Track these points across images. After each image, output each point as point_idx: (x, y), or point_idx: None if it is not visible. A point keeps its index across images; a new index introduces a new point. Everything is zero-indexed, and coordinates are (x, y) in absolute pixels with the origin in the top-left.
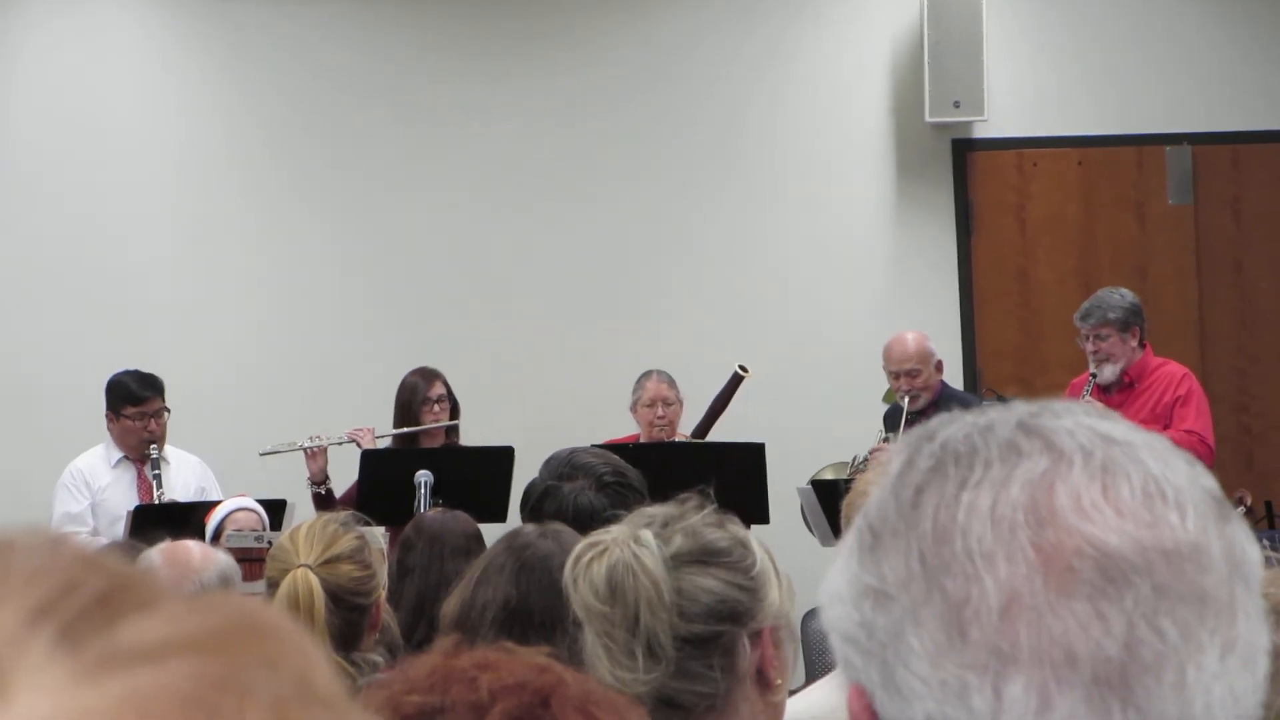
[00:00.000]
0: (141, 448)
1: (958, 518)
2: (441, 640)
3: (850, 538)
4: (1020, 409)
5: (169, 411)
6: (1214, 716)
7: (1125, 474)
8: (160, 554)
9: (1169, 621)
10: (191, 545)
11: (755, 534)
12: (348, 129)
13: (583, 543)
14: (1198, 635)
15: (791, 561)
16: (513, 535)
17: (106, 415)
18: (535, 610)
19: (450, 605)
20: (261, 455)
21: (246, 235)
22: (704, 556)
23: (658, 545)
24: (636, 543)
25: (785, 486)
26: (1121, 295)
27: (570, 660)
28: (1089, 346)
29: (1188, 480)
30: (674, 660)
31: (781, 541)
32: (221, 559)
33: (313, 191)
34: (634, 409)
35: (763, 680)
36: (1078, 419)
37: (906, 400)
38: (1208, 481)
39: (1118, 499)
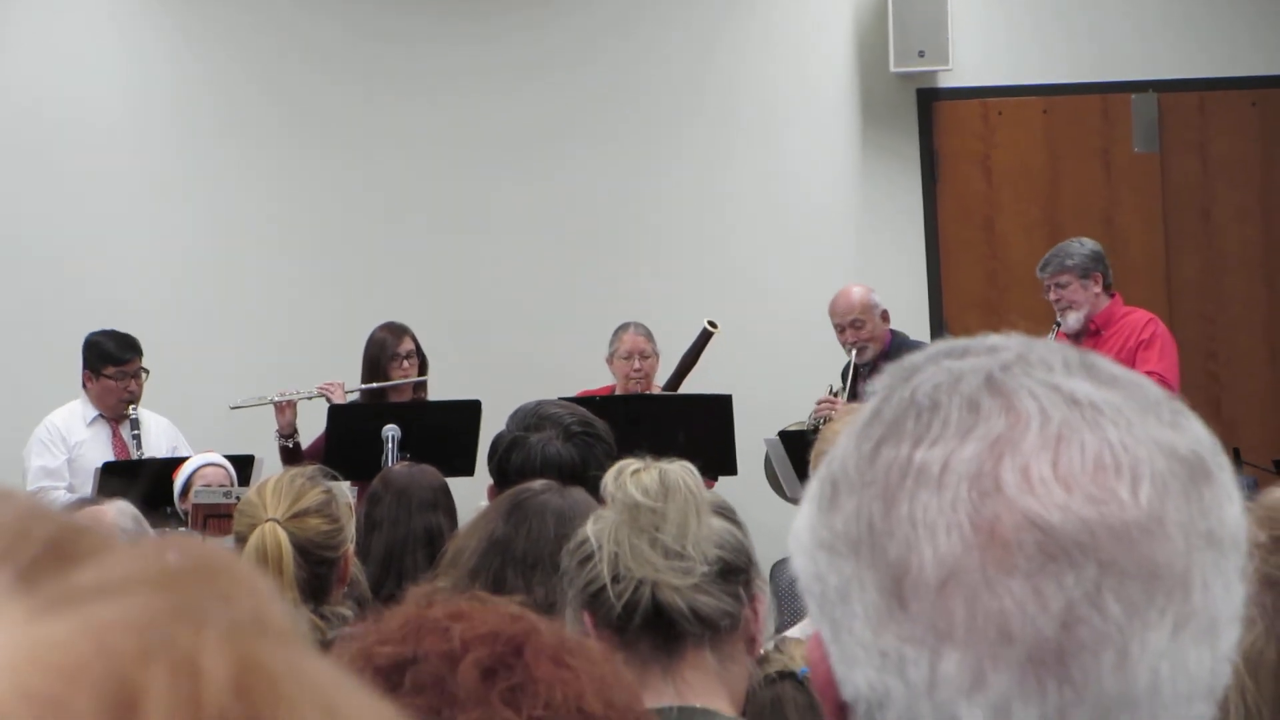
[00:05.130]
0: (120, 407)
1: (906, 482)
2: (415, 590)
3: (814, 484)
4: (1000, 356)
5: (147, 372)
6: (1160, 694)
7: (1080, 443)
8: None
9: (1113, 599)
10: (104, 506)
11: (723, 485)
12: (310, 86)
13: (621, 462)
14: (1145, 612)
15: (759, 514)
16: (523, 487)
17: (84, 374)
18: (518, 548)
19: (450, 545)
20: (232, 409)
21: (215, 192)
22: (720, 509)
23: None
24: (682, 467)
25: (753, 439)
26: (1081, 243)
27: (548, 604)
28: (1051, 296)
29: (1152, 445)
30: (710, 573)
31: (749, 493)
32: (129, 515)
33: (277, 147)
34: (610, 361)
35: (750, 642)
36: (1048, 374)
37: (854, 353)
38: (1187, 440)
39: (1067, 471)
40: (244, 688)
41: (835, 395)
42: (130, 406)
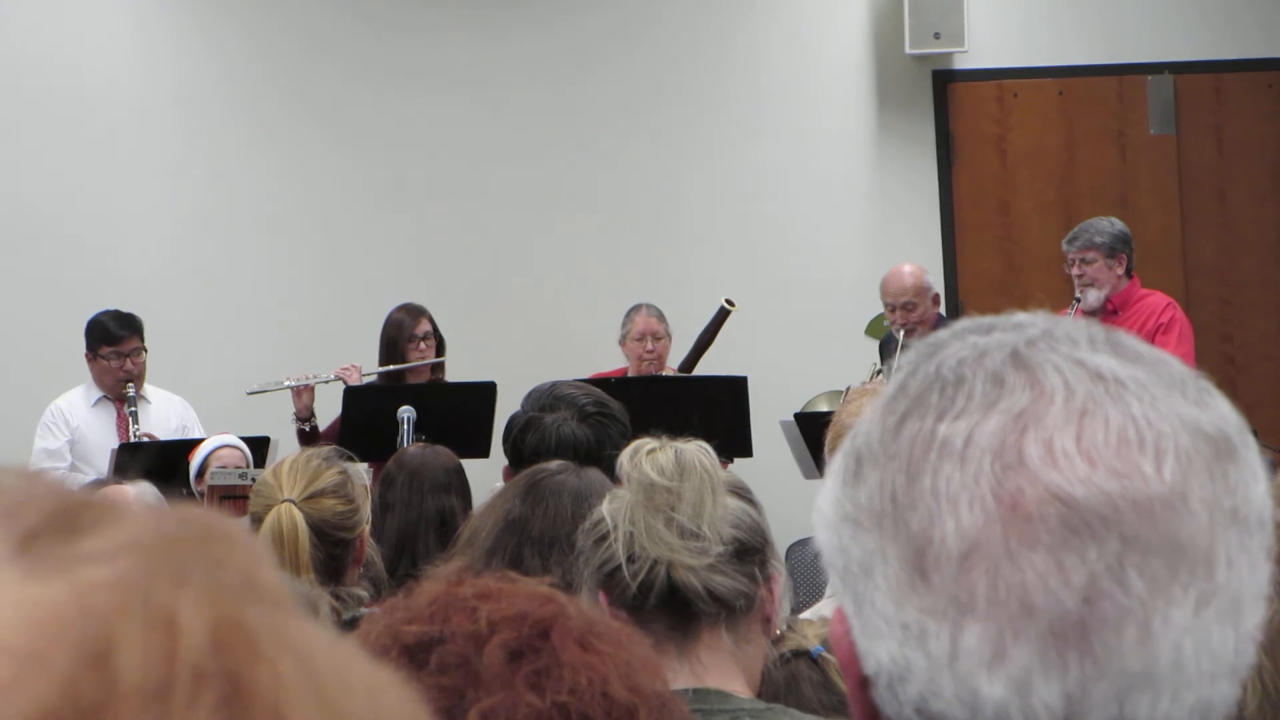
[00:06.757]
0: (119, 387)
1: (930, 455)
2: (446, 567)
3: (838, 459)
4: (1026, 332)
5: (146, 351)
6: (1183, 671)
7: (1103, 417)
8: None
9: (1135, 574)
10: (126, 487)
11: (738, 467)
12: (326, 69)
13: (637, 442)
14: (1168, 588)
15: (775, 495)
16: (540, 467)
17: (86, 355)
18: (535, 528)
19: (466, 525)
20: (249, 394)
21: (232, 175)
22: (736, 488)
23: None
24: (698, 446)
25: (769, 420)
26: (1110, 222)
27: (564, 584)
28: (1074, 271)
29: (1176, 421)
30: (726, 553)
31: (765, 475)
32: (150, 496)
33: (294, 130)
34: (623, 343)
35: (765, 623)
36: (1073, 349)
37: (902, 334)
38: (1212, 418)
39: (1091, 445)
40: (221, 644)
41: (880, 376)
42: (128, 385)
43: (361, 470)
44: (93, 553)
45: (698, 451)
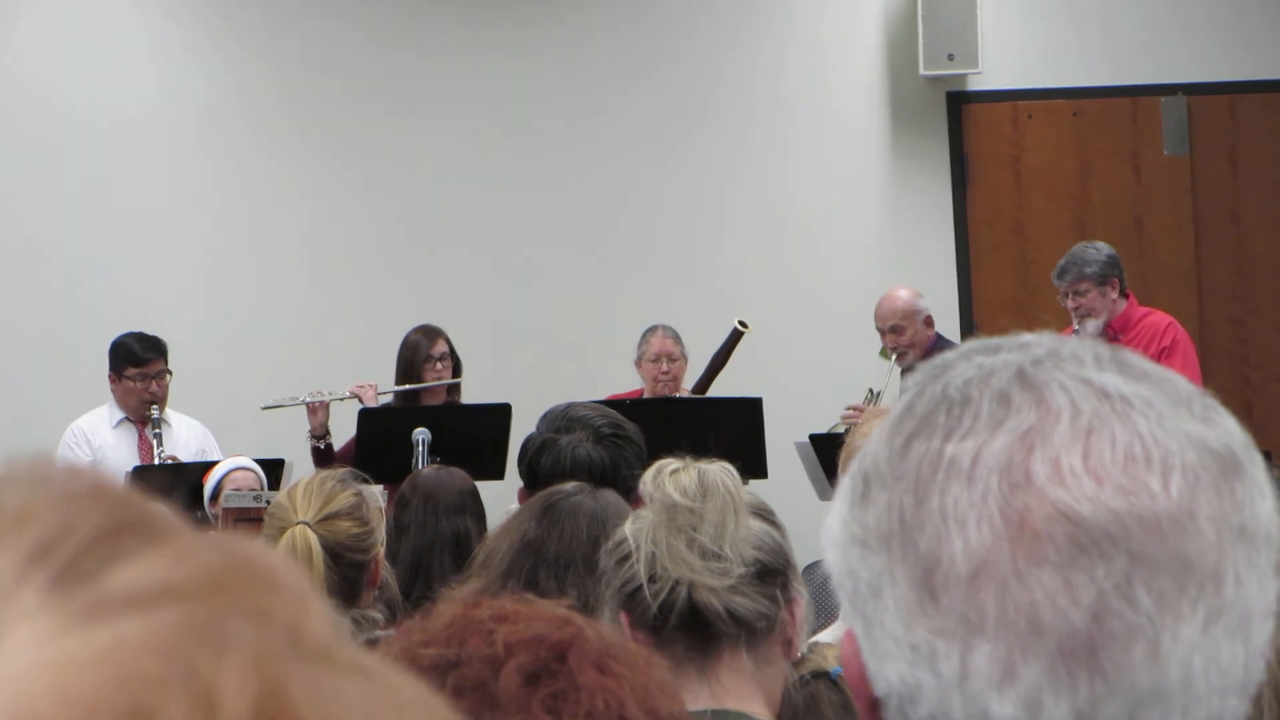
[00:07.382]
0: (142, 409)
1: (937, 475)
2: (462, 590)
3: (846, 480)
4: (1032, 352)
5: (171, 373)
6: (1193, 687)
7: (1110, 435)
8: None
9: (1144, 591)
10: None
11: (753, 488)
12: (343, 89)
13: (660, 462)
14: (1176, 605)
15: (789, 517)
16: (555, 489)
17: (109, 376)
18: (551, 550)
19: (481, 547)
20: (263, 409)
21: (249, 192)
22: (759, 510)
23: None
24: (721, 467)
25: (783, 441)
26: (1096, 249)
27: (581, 605)
28: (1069, 303)
29: (1183, 439)
30: (747, 574)
31: (780, 496)
32: None
33: (310, 149)
34: (639, 364)
35: (786, 645)
36: (1079, 368)
37: (894, 356)
38: (1219, 435)
39: (1098, 464)
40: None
41: (871, 399)
42: (152, 408)
43: (376, 492)
44: (130, 595)
45: (721, 472)
